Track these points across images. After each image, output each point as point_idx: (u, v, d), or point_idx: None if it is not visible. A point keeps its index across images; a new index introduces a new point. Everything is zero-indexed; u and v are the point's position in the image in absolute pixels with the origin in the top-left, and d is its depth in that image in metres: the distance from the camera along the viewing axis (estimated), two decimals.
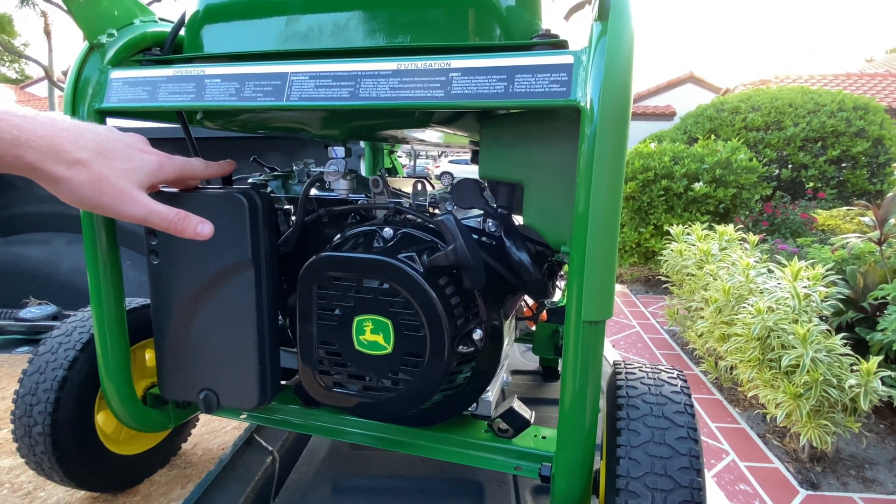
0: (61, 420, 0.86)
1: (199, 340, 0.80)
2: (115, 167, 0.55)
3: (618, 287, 4.20)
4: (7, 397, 1.50)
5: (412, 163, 2.21)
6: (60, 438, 0.86)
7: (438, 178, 0.87)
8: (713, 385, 2.37)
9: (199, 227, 0.62)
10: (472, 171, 0.84)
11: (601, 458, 0.70)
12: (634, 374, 0.68)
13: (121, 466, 0.99)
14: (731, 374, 2.18)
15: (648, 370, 0.69)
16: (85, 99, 0.77)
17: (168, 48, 0.81)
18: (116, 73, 0.76)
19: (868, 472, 1.70)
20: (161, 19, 0.88)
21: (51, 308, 2.03)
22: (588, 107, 0.54)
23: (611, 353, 1.57)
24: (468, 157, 1.71)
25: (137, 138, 0.62)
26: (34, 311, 2.00)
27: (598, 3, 0.55)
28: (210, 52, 0.75)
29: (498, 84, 0.58)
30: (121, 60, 0.79)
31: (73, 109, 0.77)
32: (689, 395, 0.63)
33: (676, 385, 0.65)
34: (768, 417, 1.77)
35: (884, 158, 4.87)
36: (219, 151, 2.36)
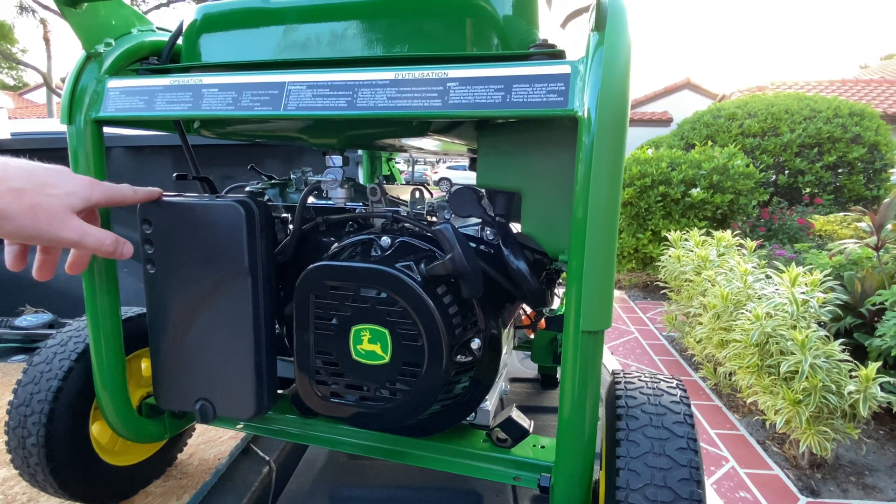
0: (56, 431, 0.85)
1: (195, 350, 0.79)
2: (49, 194, 0.57)
3: (616, 293, 4.20)
4: (1, 407, 1.48)
5: (410, 169, 2.22)
6: (55, 450, 0.85)
7: (437, 183, 0.87)
8: (712, 391, 2.37)
9: (125, 248, 0.66)
10: (469, 177, 0.84)
11: (601, 468, 0.70)
12: (633, 383, 0.68)
13: (116, 477, 0.98)
14: (730, 380, 2.17)
15: (647, 379, 0.68)
16: (82, 108, 0.76)
17: (165, 57, 0.81)
18: (114, 83, 0.76)
19: (868, 479, 1.70)
20: (159, 28, 0.88)
21: (47, 316, 2.02)
22: (585, 116, 0.54)
23: (609, 360, 1.56)
24: (466, 162, 1.71)
25: (61, 167, 0.63)
26: (30, 319, 1.99)
27: (595, 14, 0.55)
28: (207, 61, 0.75)
29: (495, 94, 0.58)
30: (118, 69, 0.79)
31: (70, 118, 0.76)
32: (689, 405, 0.62)
33: (676, 395, 0.64)
34: (767, 424, 1.77)
35: (880, 164, 4.90)
36: (217, 159, 2.34)
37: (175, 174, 0.97)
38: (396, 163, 1.83)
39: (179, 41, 0.81)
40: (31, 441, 0.84)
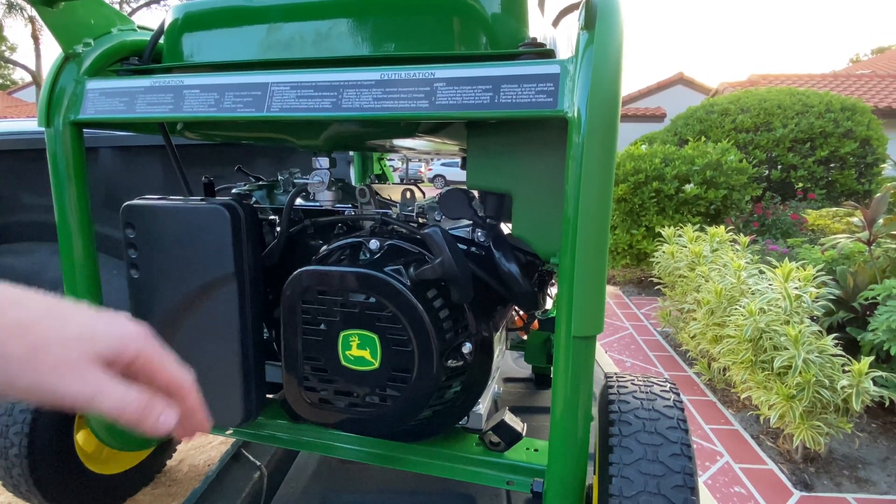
0: (39, 441, 0.83)
1: (180, 356, 0.77)
2: (64, 332, 0.37)
3: (611, 289, 4.20)
4: None
5: (405, 166, 2.20)
6: (38, 460, 0.84)
7: (431, 180, 0.86)
8: (707, 387, 2.37)
9: (162, 418, 0.38)
10: (464, 173, 0.83)
11: (594, 473, 0.69)
12: (626, 387, 0.67)
13: (103, 486, 0.96)
14: (725, 375, 2.18)
15: (641, 383, 0.67)
16: (60, 110, 0.74)
17: (147, 57, 0.79)
18: (93, 84, 0.74)
19: (861, 472, 1.70)
20: (140, 27, 0.86)
21: None
22: (575, 117, 0.53)
23: (604, 359, 1.55)
24: (460, 159, 1.69)
25: (115, 314, 0.40)
26: None
27: (584, 12, 0.54)
28: (189, 61, 0.74)
29: (483, 94, 0.56)
30: (98, 70, 0.77)
31: (48, 121, 0.74)
32: (682, 410, 0.62)
33: (669, 399, 0.64)
34: (761, 419, 1.77)
35: (871, 159, 4.92)
36: (204, 159, 2.31)
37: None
38: (390, 160, 1.81)
39: (161, 41, 0.79)
40: (13, 451, 0.82)
